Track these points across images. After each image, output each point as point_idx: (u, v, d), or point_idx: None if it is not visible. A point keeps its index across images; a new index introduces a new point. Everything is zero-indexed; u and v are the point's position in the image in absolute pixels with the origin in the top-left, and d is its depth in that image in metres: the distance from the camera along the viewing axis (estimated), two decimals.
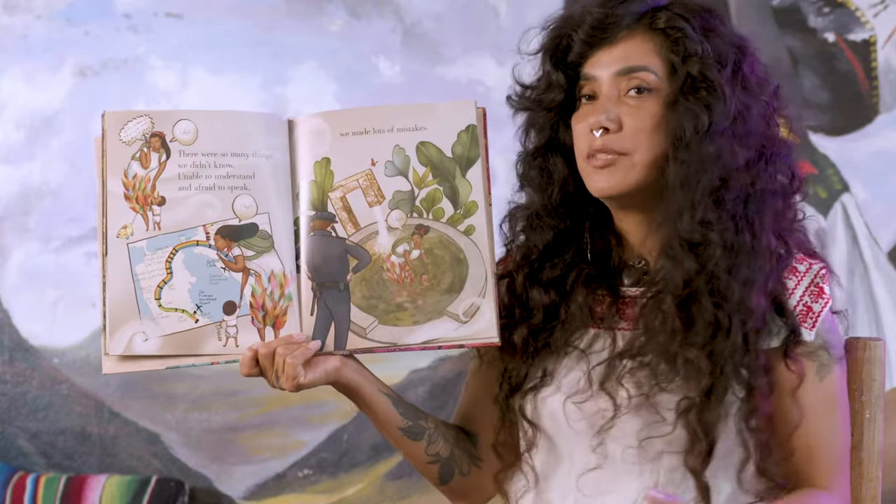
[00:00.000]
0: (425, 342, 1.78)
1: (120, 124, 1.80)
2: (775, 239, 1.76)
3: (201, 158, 1.79)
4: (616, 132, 1.75)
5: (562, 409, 1.79)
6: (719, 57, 1.76)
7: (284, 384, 1.75)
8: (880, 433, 1.84)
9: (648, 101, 1.76)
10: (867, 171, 3.56)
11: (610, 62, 1.78)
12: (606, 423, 1.75)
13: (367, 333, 1.78)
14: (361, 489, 3.50)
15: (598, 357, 1.79)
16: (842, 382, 1.78)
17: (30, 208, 3.51)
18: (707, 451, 1.71)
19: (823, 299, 1.77)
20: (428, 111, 1.81)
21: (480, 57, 3.49)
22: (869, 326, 3.55)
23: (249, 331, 1.77)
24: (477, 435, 1.92)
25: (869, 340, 1.84)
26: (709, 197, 1.73)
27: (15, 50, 3.52)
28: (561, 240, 1.84)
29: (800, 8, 3.58)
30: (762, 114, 1.78)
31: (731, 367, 1.70)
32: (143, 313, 1.76)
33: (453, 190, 1.80)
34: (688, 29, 1.76)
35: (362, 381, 1.81)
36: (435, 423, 1.88)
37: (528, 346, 1.83)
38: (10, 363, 3.50)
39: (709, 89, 1.74)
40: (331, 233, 1.79)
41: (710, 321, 1.71)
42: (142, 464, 3.51)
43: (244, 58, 3.53)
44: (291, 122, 1.83)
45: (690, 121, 1.73)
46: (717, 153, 1.73)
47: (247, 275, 1.78)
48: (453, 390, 3.44)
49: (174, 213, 1.78)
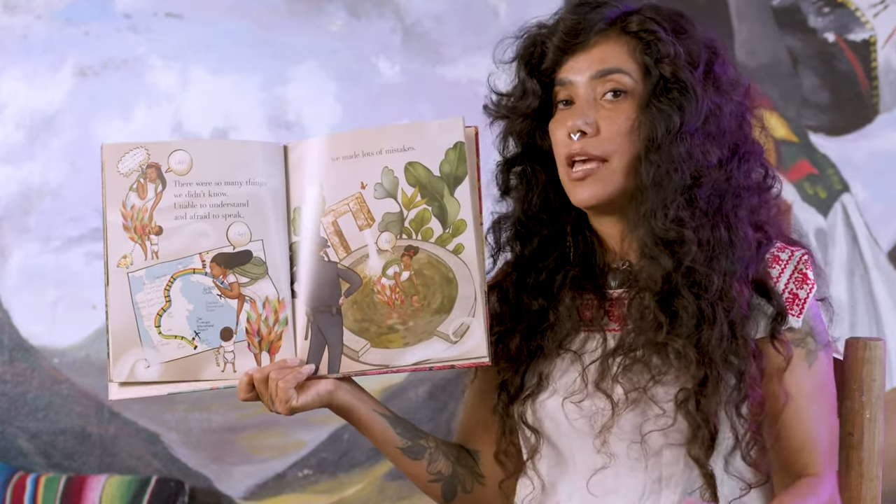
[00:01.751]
0: (416, 363, 1.79)
1: (117, 156, 1.83)
2: (754, 230, 1.78)
3: (196, 188, 1.82)
4: (594, 136, 1.77)
5: (561, 409, 1.80)
6: (691, 58, 1.78)
7: (278, 408, 1.77)
8: (880, 433, 1.84)
9: (624, 104, 1.78)
10: (867, 171, 3.56)
11: (585, 66, 1.79)
12: (607, 421, 1.76)
13: (360, 356, 1.80)
14: (361, 489, 3.50)
15: (591, 357, 1.81)
16: (828, 368, 1.79)
17: (30, 208, 3.51)
18: (710, 438, 1.73)
19: (808, 285, 1.78)
20: (416, 131, 1.81)
21: (480, 57, 3.49)
22: (869, 326, 3.55)
23: (246, 356, 1.80)
24: (478, 452, 1.93)
25: (869, 340, 1.85)
26: (681, 195, 1.74)
27: (15, 50, 3.52)
28: (545, 246, 1.85)
29: (800, 8, 3.58)
30: (734, 113, 1.79)
31: (719, 355, 1.72)
32: (144, 341, 1.80)
33: (441, 209, 1.80)
34: (660, 31, 1.77)
35: (357, 402, 1.83)
36: (435, 442, 1.89)
37: (522, 353, 1.84)
38: (10, 363, 3.50)
39: (681, 90, 1.76)
40: (323, 257, 1.81)
41: (694, 312, 1.73)
42: (142, 464, 3.51)
43: (244, 58, 3.53)
44: (286, 147, 1.84)
45: (663, 122, 1.75)
46: (689, 152, 1.75)
47: (242, 301, 1.80)
48: (454, 390, 3.43)
49: (171, 242, 1.81)
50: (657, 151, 1.75)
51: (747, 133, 1.81)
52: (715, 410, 1.72)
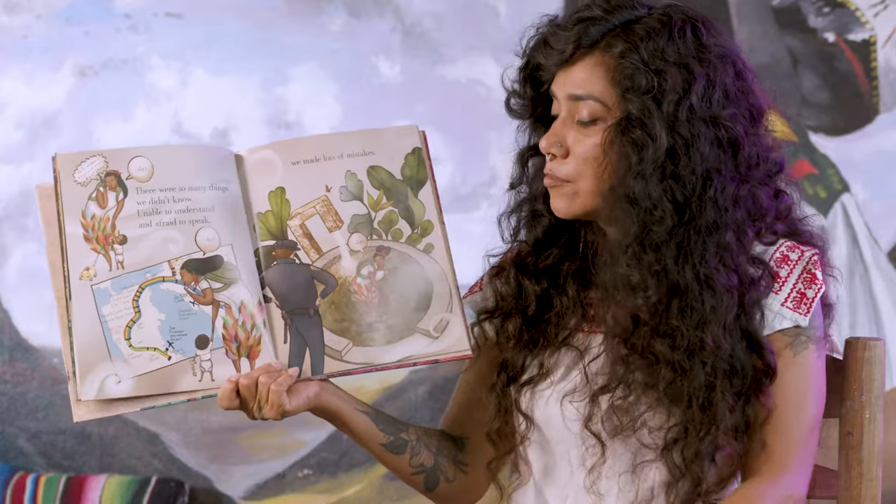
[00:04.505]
0: (400, 360, 1.79)
1: (73, 166, 1.78)
2: (736, 273, 1.73)
3: (159, 194, 1.77)
4: (562, 158, 1.76)
5: (558, 408, 1.80)
6: (661, 92, 1.72)
7: (268, 413, 1.74)
8: (880, 433, 1.84)
9: (594, 129, 1.75)
10: (867, 171, 3.56)
11: (565, 85, 1.77)
12: (598, 460, 1.77)
13: (343, 356, 1.78)
14: (361, 489, 3.50)
15: (591, 355, 1.81)
16: (819, 362, 1.77)
17: (30, 208, 3.51)
18: (693, 485, 1.72)
19: (816, 285, 1.77)
20: (374, 136, 1.83)
21: (480, 57, 3.49)
22: (869, 326, 3.55)
23: (224, 363, 1.75)
24: (466, 439, 1.93)
25: (869, 340, 1.84)
26: (636, 242, 1.72)
27: (15, 50, 3.52)
28: (552, 234, 1.85)
29: (800, 8, 3.58)
30: (714, 140, 1.73)
31: (697, 405, 1.70)
32: (113, 355, 1.74)
33: (408, 210, 1.82)
34: (636, 62, 1.72)
35: (340, 403, 1.82)
36: (417, 434, 1.89)
37: (523, 336, 1.84)
38: (10, 363, 3.50)
39: (642, 128, 1.72)
40: (294, 260, 1.80)
41: (669, 362, 1.71)
42: (142, 464, 3.51)
43: (244, 58, 3.53)
44: (238, 156, 1.83)
45: (623, 158, 1.72)
46: (644, 194, 1.71)
47: (217, 307, 1.76)
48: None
49: (137, 251, 1.76)
50: (621, 185, 1.73)
51: (738, 156, 1.74)
52: (699, 458, 1.71)
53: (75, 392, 1.74)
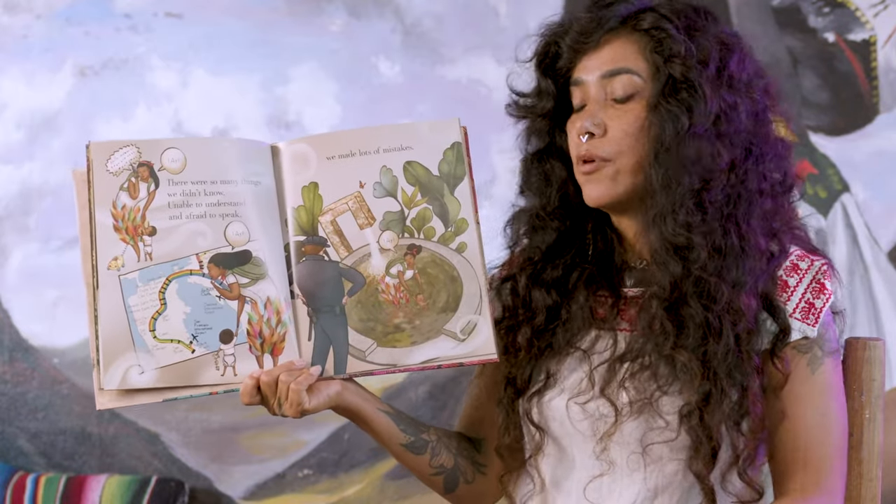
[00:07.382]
0: (424, 362, 1.78)
1: (106, 155, 1.78)
2: (767, 239, 1.76)
3: (191, 187, 1.77)
4: (601, 137, 1.76)
5: (565, 409, 1.80)
6: (703, 56, 1.75)
7: (288, 411, 1.74)
8: (880, 433, 1.84)
9: (633, 104, 1.76)
10: (867, 171, 3.56)
11: (595, 66, 1.78)
12: (609, 427, 1.75)
13: (367, 356, 1.78)
14: (361, 489, 3.50)
15: (599, 358, 1.80)
16: (836, 376, 1.77)
17: (30, 208, 3.51)
18: (711, 454, 1.71)
19: (825, 295, 1.77)
20: (412, 130, 1.81)
21: (481, 57, 3.49)
22: (869, 326, 3.55)
23: (247, 359, 1.75)
24: (483, 440, 1.92)
25: (869, 340, 1.85)
26: (690, 200, 1.73)
27: (15, 50, 3.52)
28: (562, 241, 1.84)
29: (800, 8, 3.58)
30: (750, 111, 1.77)
31: (724, 370, 1.70)
32: (137, 346, 1.74)
33: (443, 208, 1.80)
34: (671, 29, 1.75)
35: (362, 402, 1.82)
36: (437, 435, 1.89)
37: (532, 347, 1.84)
38: (10, 363, 3.50)
39: (689, 90, 1.73)
40: (323, 257, 1.79)
41: (701, 323, 1.71)
42: (142, 464, 3.51)
43: (244, 58, 3.53)
44: (275, 147, 1.82)
45: (671, 123, 1.73)
46: (698, 155, 1.72)
47: (242, 302, 1.76)
48: (454, 390, 3.44)
49: (166, 243, 1.76)
50: (666, 153, 1.73)
51: (766, 132, 1.78)
52: (718, 425, 1.71)
53: (98, 380, 1.74)
